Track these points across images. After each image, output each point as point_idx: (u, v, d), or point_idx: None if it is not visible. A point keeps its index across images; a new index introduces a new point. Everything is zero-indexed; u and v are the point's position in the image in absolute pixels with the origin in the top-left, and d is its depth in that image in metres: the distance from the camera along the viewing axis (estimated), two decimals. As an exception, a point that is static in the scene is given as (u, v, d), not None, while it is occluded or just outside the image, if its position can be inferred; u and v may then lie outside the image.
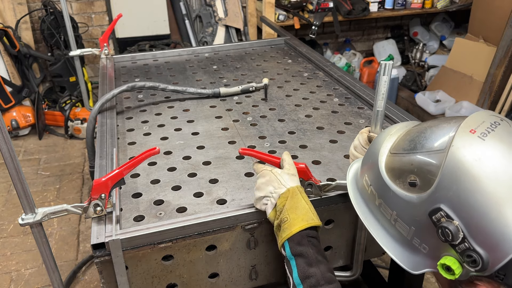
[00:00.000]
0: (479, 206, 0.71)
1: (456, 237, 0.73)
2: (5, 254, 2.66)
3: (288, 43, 2.67)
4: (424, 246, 0.80)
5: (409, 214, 0.81)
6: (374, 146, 0.93)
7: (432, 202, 0.75)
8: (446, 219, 0.74)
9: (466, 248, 0.73)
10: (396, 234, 0.85)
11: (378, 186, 0.87)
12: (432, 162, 0.77)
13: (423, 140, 0.81)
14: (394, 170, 0.83)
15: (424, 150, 0.80)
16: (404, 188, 0.81)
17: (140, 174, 1.40)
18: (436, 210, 0.75)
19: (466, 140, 0.75)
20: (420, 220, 0.78)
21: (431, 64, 4.71)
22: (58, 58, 4.06)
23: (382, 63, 1.09)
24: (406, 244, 0.83)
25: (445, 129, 0.81)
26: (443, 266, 0.76)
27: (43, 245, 1.14)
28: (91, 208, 1.13)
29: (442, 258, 0.77)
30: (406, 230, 0.82)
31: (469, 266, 0.74)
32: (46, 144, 3.93)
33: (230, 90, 1.96)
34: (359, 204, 0.95)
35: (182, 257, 1.15)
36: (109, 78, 2.13)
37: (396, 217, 0.83)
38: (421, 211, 0.77)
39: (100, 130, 1.62)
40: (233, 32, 4.47)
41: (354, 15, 4.19)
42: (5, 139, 0.99)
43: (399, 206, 0.82)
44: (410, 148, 0.82)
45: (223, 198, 1.27)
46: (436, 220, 0.75)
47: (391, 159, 0.85)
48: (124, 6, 4.05)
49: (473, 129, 0.77)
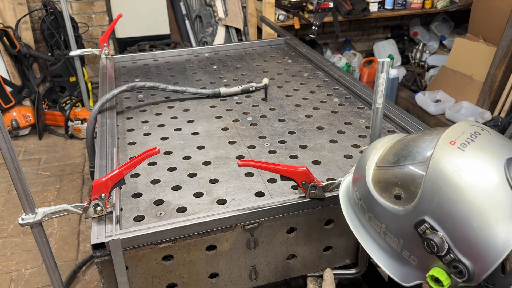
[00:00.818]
0: (461, 217, 0.72)
1: (441, 248, 0.73)
2: (5, 254, 2.67)
3: (288, 43, 2.67)
4: (413, 258, 0.81)
5: (396, 227, 0.81)
6: (362, 160, 0.94)
7: (416, 214, 0.76)
8: (431, 231, 0.74)
9: (452, 259, 0.73)
10: (386, 246, 0.86)
11: (367, 199, 0.88)
12: (414, 175, 0.78)
13: (406, 153, 0.83)
14: (380, 183, 0.84)
15: (407, 163, 0.81)
16: (391, 201, 0.82)
17: (140, 174, 1.40)
18: (420, 222, 0.75)
19: (446, 152, 0.76)
20: (407, 232, 0.79)
21: (431, 64, 4.71)
22: (58, 58, 4.06)
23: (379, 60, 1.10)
24: (396, 256, 0.84)
25: (426, 141, 0.82)
26: (432, 278, 0.77)
27: (43, 245, 1.14)
28: (91, 208, 1.13)
29: (431, 269, 0.77)
30: (396, 243, 0.83)
31: (456, 277, 0.74)
32: (46, 144, 3.93)
33: (230, 90, 1.96)
34: (351, 218, 0.96)
35: (182, 257, 1.15)
36: (109, 78, 2.13)
37: (385, 229, 0.84)
38: (407, 223, 0.78)
39: (100, 130, 1.62)
40: (233, 32, 4.47)
41: (354, 15, 4.19)
42: (5, 139, 0.99)
43: (387, 219, 0.83)
44: (394, 161, 0.83)
45: (223, 198, 1.27)
46: (422, 232, 0.76)
47: (377, 172, 0.86)
48: (124, 6, 4.05)
49: (453, 140, 0.77)
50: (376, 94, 1.14)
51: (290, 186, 1.32)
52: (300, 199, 1.20)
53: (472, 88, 3.83)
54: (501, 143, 0.79)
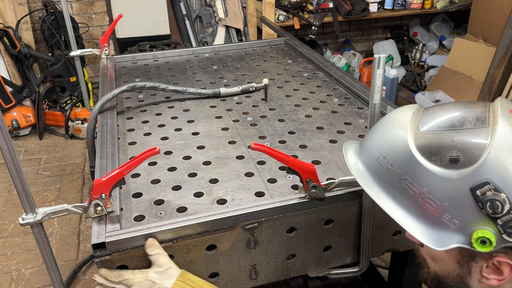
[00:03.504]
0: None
1: (503, 209, 0.75)
2: (5, 254, 2.67)
3: (288, 43, 2.67)
4: (455, 221, 0.81)
5: (443, 191, 0.81)
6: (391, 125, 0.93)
7: (476, 177, 0.77)
8: (494, 192, 0.76)
9: (511, 219, 0.75)
10: (421, 211, 0.85)
11: (405, 164, 0.86)
12: (478, 138, 0.79)
13: (459, 118, 0.84)
14: (430, 147, 0.83)
15: (466, 128, 0.82)
16: (441, 165, 0.81)
17: (141, 174, 1.40)
18: (482, 185, 0.76)
19: (510, 118, 0.80)
20: (457, 195, 0.79)
21: (431, 64, 4.72)
22: (59, 58, 4.06)
23: (375, 56, 1.11)
24: (433, 221, 0.83)
25: (477, 109, 0.85)
26: (478, 240, 0.78)
27: (43, 245, 1.14)
28: (92, 208, 1.13)
29: (476, 231, 0.78)
30: (436, 207, 0.82)
31: (510, 237, 0.76)
32: (47, 144, 3.93)
33: (230, 90, 1.96)
34: (368, 184, 0.93)
35: (182, 257, 1.15)
36: (110, 78, 2.13)
37: (426, 194, 0.83)
38: (461, 186, 0.79)
39: (101, 130, 1.62)
40: (233, 32, 4.48)
41: (354, 16, 4.20)
42: (6, 139, 1.00)
43: (431, 183, 0.82)
44: (447, 125, 0.84)
45: (223, 198, 1.27)
46: (481, 194, 0.77)
47: (425, 136, 0.85)
48: (124, 6, 4.05)
49: (511, 109, 0.82)
50: (373, 90, 1.14)
51: (290, 186, 1.32)
52: (300, 199, 1.20)
53: (472, 88, 3.83)
54: None
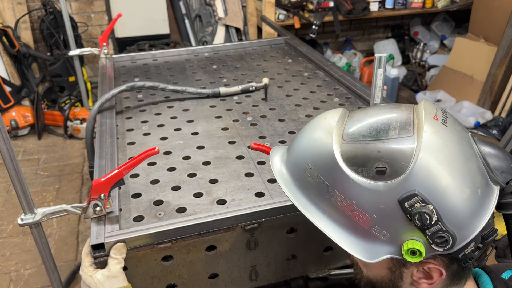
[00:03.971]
0: (451, 189, 0.75)
1: (431, 220, 0.74)
2: (4, 255, 2.66)
3: (288, 42, 2.66)
4: (385, 233, 0.79)
5: (371, 203, 0.78)
6: (317, 134, 0.87)
7: (404, 189, 0.75)
8: (421, 204, 0.74)
9: (438, 230, 0.75)
10: (350, 224, 0.82)
11: (332, 176, 0.82)
12: (404, 148, 0.76)
13: (383, 126, 0.80)
14: (356, 158, 0.80)
15: (391, 137, 0.78)
16: (368, 177, 0.78)
17: (140, 174, 1.39)
18: (410, 197, 0.75)
19: (434, 126, 0.78)
20: (385, 207, 0.77)
21: (432, 63, 4.71)
22: (58, 57, 4.05)
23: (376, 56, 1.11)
24: (362, 233, 0.81)
25: (401, 115, 0.82)
26: (408, 251, 0.77)
27: (42, 245, 1.14)
28: (91, 208, 1.12)
29: (406, 242, 0.77)
30: (366, 219, 0.79)
31: (438, 247, 0.76)
32: (46, 144, 3.92)
33: (230, 90, 1.95)
34: (295, 195, 0.89)
35: (182, 258, 1.15)
36: (109, 78, 2.12)
37: (354, 207, 0.80)
38: (389, 198, 0.77)
39: (100, 130, 1.61)
40: (233, 31, 4.47)
41: (355, 15, 4.19)
42: (5, 139, 0.99)
43: (359, 196, 0.79)
44: (372, 135, 0.80)
45: (223, 199, 1.26)
46: (409, 206, 0.75)
47: (349, 147, 0.81)
48: (123, 5, 4.04)
49: (435, 116, 0.80)
50: (374, 90, 1.14)
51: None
52: (300, 199, 1.19)
53: (473, 88, 3.83)
54: (459, 121, 0.86)
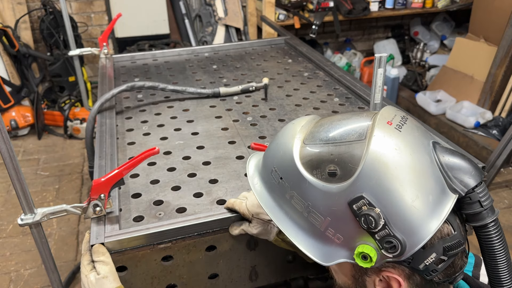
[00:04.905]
0: (399, 192, 0.74)
1: (377, 224, 0.74)
2: (4, 255, 2.66)
3: (288, 42, 2.66)
4: (339, 236, 0.80)
5: (325, 205, 0.80)
6: (283, 138, 0.91)
7: (353, 191, 0.76)
8: (368, 207, 0.74)
9: (386, 235, 0.75)
10: (308, 225, 0.84)
11: (292, 178, 0.85)
12: (353, 152, 0.78)
13: (341, 131, 0.82)
14: (312, 161, 0.82)
15: (344, 140, 0.80)
16: (322, 179, 0.80)
17: (140, 174, 1.39)
18: (357, 199, 0.75)
19: (386, 131, 0.78)
20: (337, 210, 0.78)
21: (432, 63, 4.70)
22: (58, 57, 4.05)
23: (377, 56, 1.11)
24: (318, 235, 0.82)
25: (360, 121, 0.83)
26: (359, 255, 0.77)
27: (42, 245, 1.14)
28: (91, 209, 1.12)
29: (358, 246, 0.77)
30: (320, 221, 0.81)
31: (388, 252, 0.75)
32: (45, 144, 3.92)
33: (230, 90, 1.95)
34: (262, 198, 0.92)
35: (181, 258, 1.14)
36: (109, 78, 2.12)
37: (310, 208, 0.81)
38: (340, 200, 0.77)
39: (100, 130, 1.61)
40: (233, 31, 4.47)
41: (355, 15, 4.19)
42: (4, 139, 0.99)
43: (314, 197, 0.81)
44: (327, 139, 0.82)
45: (223, 199, 1.26)
46: (357, 209, 0.75)
47: (307, 150, 0.84)
48: (123, 5, 4.04)
49: (389, 121, 0.80)
50: (374, 90, 1.14)
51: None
52: (300, 200, 1.19)
53: (473, 88, 3.82)
54: (423, 128, 0.86)
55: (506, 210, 3.00)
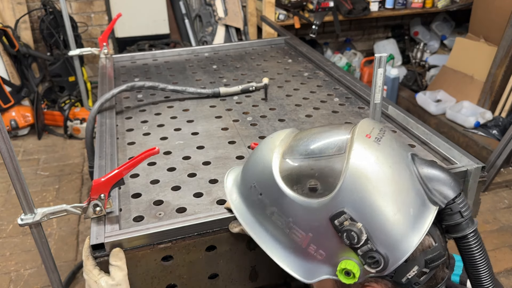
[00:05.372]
0: (381, 207, 0.73)
1: (360, 239, 0.73)
2: (4, 255, 2.66)
3: (288, 42, 2.66)
4: (321, 252, 0.79)
5: (306, 220, 0.78)
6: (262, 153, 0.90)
7: (334, 206, 0.75)
8: (350, 222, 0.73)
9: (369, 250, 0.73)
10: (289, 242, 0.82)
11: (271, 194, 0.83)
12: (334, 166, 0.77)
13: (320, 145, 0.81)
14: (292, 175, 0.81)
15: (324, 155, 0.79)
16: (303, 194, 0.79)
17: (140, 174, 1.39)
18: (339, 214, 0.74)
19: (365, 144, 0.77)
20: (319, 225, 0.77)
21: (432, 63, 4.71)
22: (58, 57, 4.05)
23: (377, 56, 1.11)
24: (300, 252, 0.81)
25: (339, 134, 0.82)
26: (342, 271, 0.76)
27: (42, 245, 1.14)
28: (91, 209, 1.12)
29: (341, 262, 0.76)
30: (302, 237, 0.79)
31: (371, 268, 0.74)
32: (45, 144, 3.92)
33: (230, 90, 1.95)
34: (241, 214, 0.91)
35: (181, 258, 1.14)
36: (109, 78, 2.12)
37: (292, 224, 0.80)
38: (321, 216, 0.76)
39: (99, 130, 1.61)
40: (233, 31, 4.47)
41: (355, 15, 4.19)
42: (4, 139, 0.99)
43: (295, 213, 0.79)
44: (307, 153, 0.81)
45: (223, 199, 1.26)
46: (339, 224, 0.74)
47: (287, 164, 0.83)
48: (123, 5, 4.04)
49: (368, 134, 0.79)
50: (374, 90, 1.14)
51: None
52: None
53: (473, 88, 3.82)
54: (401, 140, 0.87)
55: (506, 210, 3.00)
